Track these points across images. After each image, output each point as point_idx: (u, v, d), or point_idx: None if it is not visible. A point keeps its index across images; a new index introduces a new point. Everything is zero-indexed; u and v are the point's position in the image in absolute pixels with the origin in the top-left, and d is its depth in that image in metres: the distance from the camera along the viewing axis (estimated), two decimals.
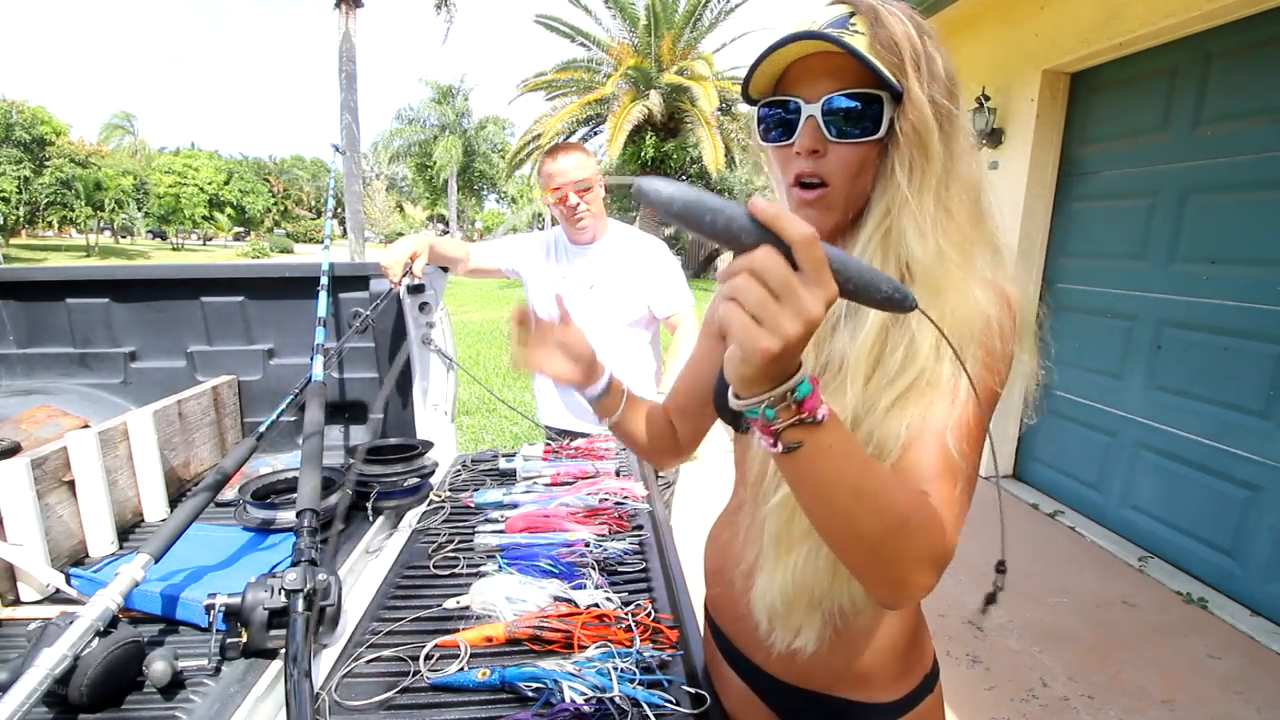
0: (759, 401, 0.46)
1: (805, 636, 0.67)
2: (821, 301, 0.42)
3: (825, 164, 0.64)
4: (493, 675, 0.78)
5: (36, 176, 30.76)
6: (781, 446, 0.47)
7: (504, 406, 5.43)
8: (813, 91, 0.63)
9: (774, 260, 0.41)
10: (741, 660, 0.81)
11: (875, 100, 0.61)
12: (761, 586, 0.68)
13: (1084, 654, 2.29)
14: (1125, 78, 3.17)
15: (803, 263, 0.41)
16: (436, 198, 34.50)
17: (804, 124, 0.63)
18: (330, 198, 1.75)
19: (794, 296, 0.41)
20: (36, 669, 0.67)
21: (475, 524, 1.22)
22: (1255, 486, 2.56)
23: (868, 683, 0.73)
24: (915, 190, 0.61)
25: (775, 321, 0.41)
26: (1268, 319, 2.50)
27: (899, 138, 0.61)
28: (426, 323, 1.65)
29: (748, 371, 0.44)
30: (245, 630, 0.82)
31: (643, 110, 12.42)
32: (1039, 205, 3.59)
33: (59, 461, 1.07)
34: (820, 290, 0.42)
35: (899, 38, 0.60)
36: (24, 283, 1.59)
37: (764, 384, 0.45)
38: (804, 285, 0.41)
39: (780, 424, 0.46)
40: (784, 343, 0.41)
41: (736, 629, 0.82)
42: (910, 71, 0.59)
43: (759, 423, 0.47)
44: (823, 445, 0.47)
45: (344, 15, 9.65)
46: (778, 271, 0.41)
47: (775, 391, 0.45)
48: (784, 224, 0.41)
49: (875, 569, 0.53)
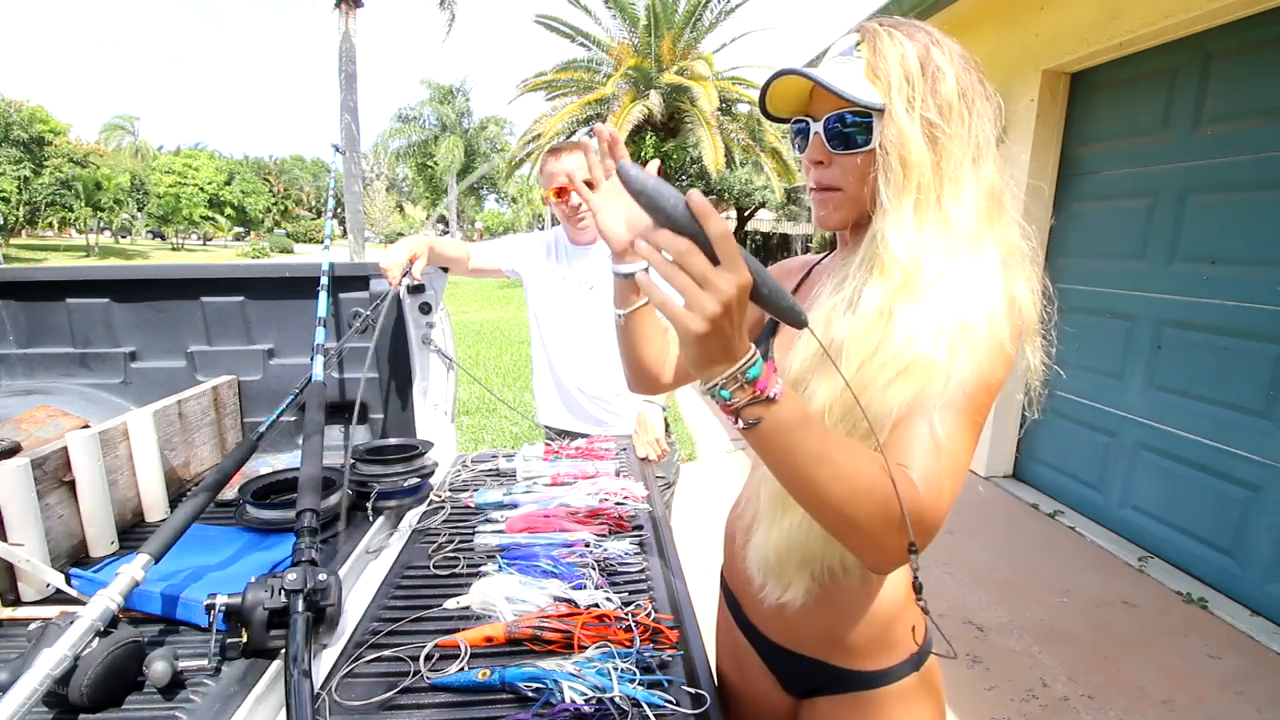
0: (716, 384, 0.53)
1: (793, 591, 0.75)
2: (733, 284, 0.49)
3: (829, 172, 0.74)
4: (493, 675, 0.78)
5: (36, 176, 30.76)
6: (742, 423, 0.55)
7: (504, 406, 5.43)
8: (820, 110, 0.72)
9: (696, 254, 0.49)
10: (745, 622, 0.90)
11: (866, 116, 0.69)
12: (757, 542, 0.77)
13: (1084, 654, 2.29)
14: (1125, 78, 3.17)
15: (720, 254, 0.49)
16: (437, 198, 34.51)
17: (812, 139, 0.74)
18: (330, 198, 1.75)
19: (711, 282, 0.48)
20: (36, 669, 0.66)
21: (475, 524, 1.22)
22: (1255, 486, 2.56)
23: (852, 650, 0.80)
24: (893, 196, 0.68)
25: (699, 304, 0.49)
26: (1268, 319, 2.50)
27: (883, 150, 0.68)
28: (426, 323, 1.65)
29: (691, 353, 0.52)
30: (245, 630, 0.81)
31: (643, 110, 12.41)
32: (1039, 205, 3.59)
33: (59, 461, 1.07)
34: (734, 276, 0.49)
35: (891, 62, 0.68)
36: (24, 283, 1.59)
37: (713, 366, 0.53)
38: (718, 274, 0.49)
39: (738, 402, 0.54)
40: (708, 323, 0.49)
41: (741, 590, 0.90)
42: (894, 93, 0.67)
43: (720, 403, 0.54)
44: (780, 419, 0.55)
45: (344, 15, 9.65)
46: (699, 262, 0.49)
47: (728, 373, 0.52)
48: (707, 221, 0.48)
49: (848, 532, 0.59)
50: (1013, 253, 0.70)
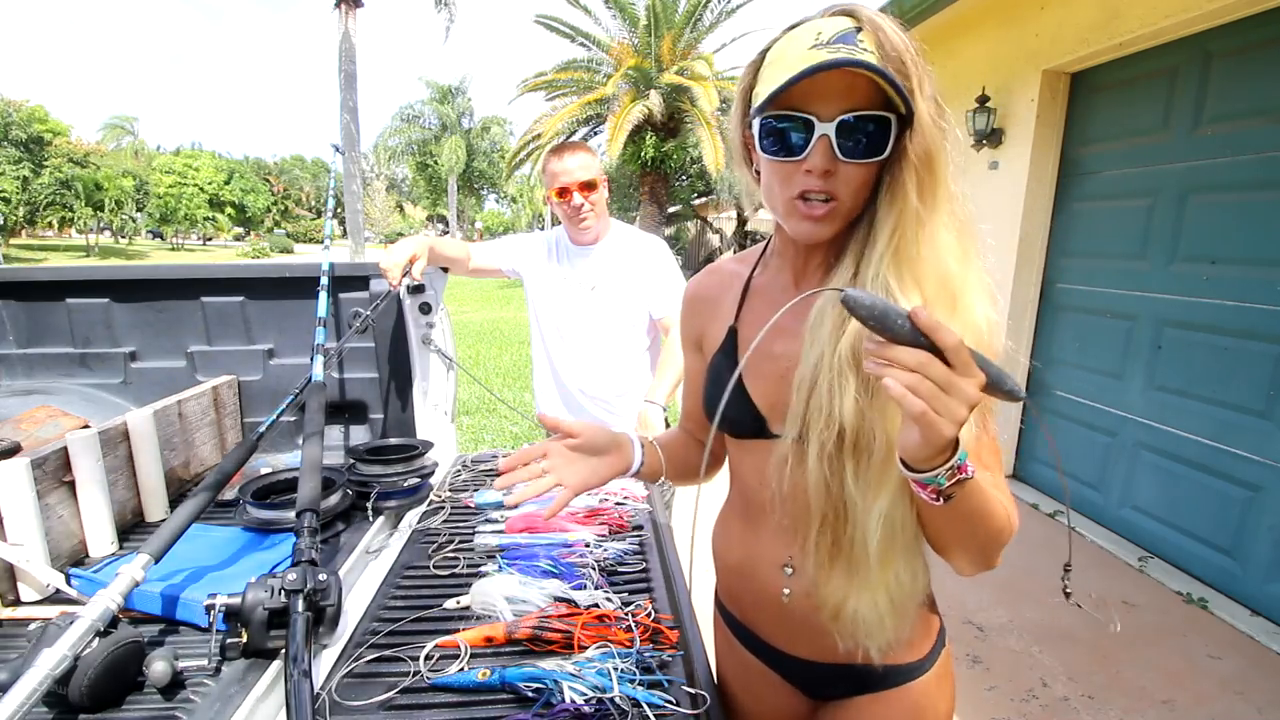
0: (936, 473, 0.56)
1: (897, 639, 0.72)
2: (976, 388, 0.51)
3: (834, 182, 0.64)
4: (493, 675, 0.78)
5: (36, 176, 30.76)
6: (942, 500, 0.58)
7: (504, 406, 5.43)
8: (826, 108, 0.62)
9: (936, 363, 0.51)
10: (763, 646, 0.85)
11: (885, 121, 0.62)
12: (850, 609, 0.70)
13: (1084, 654, 2.29)
14: (1125, 78, 3.17)
15: (956, 363, 0.50)
16: (437, 198, 34.49)
17: (817, 142, 0.63)
18: (330, 198, 1.75)
19: (957, 388, 0.51)
20: (36, 669, 0.66)
21: (475, 524, 1.22)
22: (1255, 486, 2.55)
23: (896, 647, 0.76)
24: (928, 210, 0.63)
25: (949, 409, 0.51)
26: (1268, 319, 2.50)
27: (908, 158, 0.62)
28: (426, 323, 1.65)
29: (928, 451, 0.54)
30: (245, 630, 0.81)
31: (643, 110, 12.40)
32: (1039, 205, 3.59)
33: (59, 461, 1.07)
34: (973, 379, 0.51)
35: (905, 57, 0.60)
36: (24, 283, 1.59)
37: (939, 458, 0.55)
38: (961, 378, 0.51)
39: (947, 485, 0.57)
40: (957, 426, 0.52)
41: (759, 618, 0.85)
42: (917, 93, 0.60)
43: (930, 488, 0.57)
44: (970, 492, 0.59)
45: (344, 15, 9.64)
46: (941, 371, 0.50)
47: (950, 463, 0.55)
48: (941, 334, 0.50)
49: (979, 561, 0.68)
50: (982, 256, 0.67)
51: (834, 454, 0.66)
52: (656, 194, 14.43)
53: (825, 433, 0.65)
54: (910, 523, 0.67)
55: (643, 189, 14.53)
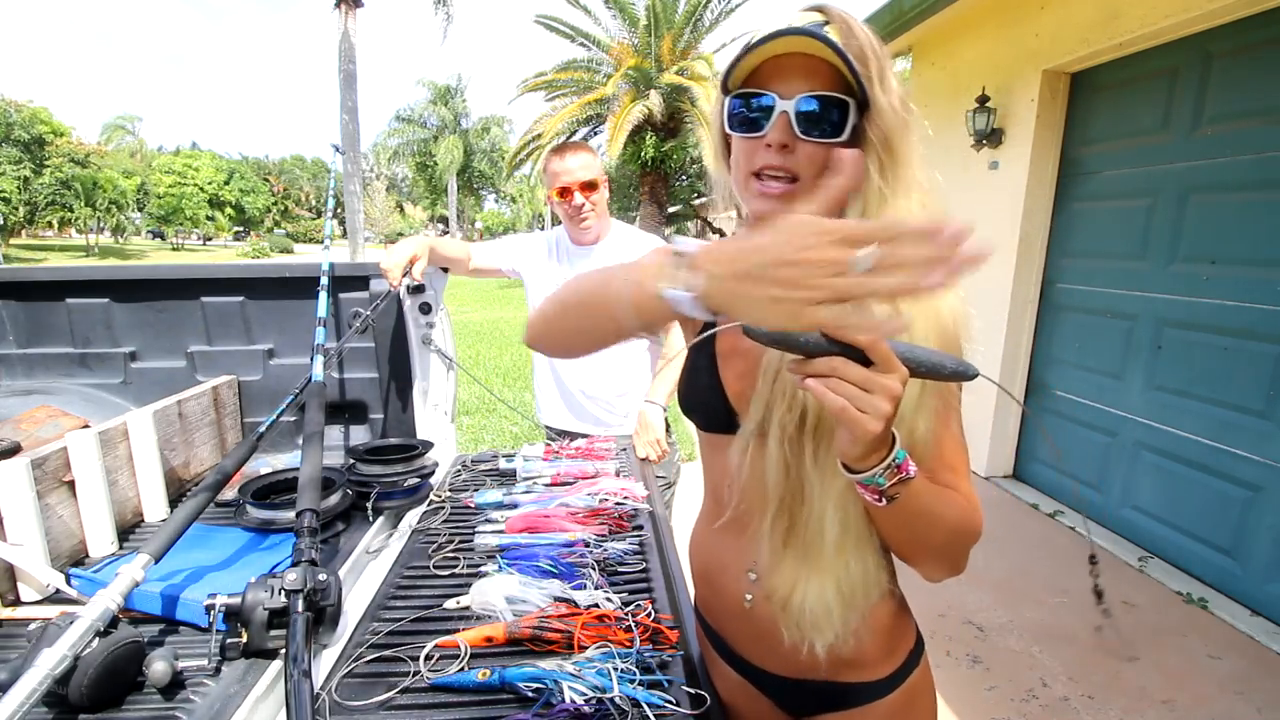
0: (874, 472, 0.57)
1: (843, 635, 0.71)
2: (898, 380, 0.52)
3: (793, 159, 0.67)
4: (493, 675, 0.78)
5: (36, 176, 30.77)
6: (885, 500, 0.59)
7: (504, 406, 5.43)
8: (787, 89, 0.65)
9: (850, 365, 0.52)
10: (737, 658, 0.84)
11: (843, 104, 0.65)
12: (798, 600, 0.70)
13: (1084, 654, 2.29)
14: (1125, 78, 3.17)
15: (874, 358, 0.51)
16: (437, 198, 34.49)
17: (776, 119, 0.66)
18: (330, 198, 1.75)
19: (876, 384, 0.51)
20: (36, 669, 0.66)
21: (475, 524, 1.22)
22: (1255, 486, 2.56)
23: (860, 664, 0.77)
24: (891, 190, 0.65)
25: (871, 405, 0.51)
26: (1268, 319, 2.50)
27: (869, 140, 0.65)
28: (427, 323, 1.65)
29: (859, 450, 0.56)
30: (245, 630, 0.81)
31: (643, 110, 12.41)
32: (1039, 205, 3.60)
33: (59, 461, 1.07)
34: (894, 373, 0.52)
35: (867, 50, 0.64)
36: (24, 283, 1.59)
37: (873, 457, 0.56)
38: (881, 374, 0.51)
39: (888, 484, 0.58)
40: (883, 420, 0.52)
41: (727, 626, 0.85)
42: (875, 81, 0.64)
43: (870, 489, 0.58)
44: (913, 492, 0.60)
45: (344, 15, 9.64)
46: (857, 371, 0.51)
47: (885, 462, 0.56)
48: (852, 335, 0.50)
49: (941, 565, 0.68)
50: None
51: (794, 436, 0.67)
52: (656, 194, 14.43)
53: (787, 416, 0.67)
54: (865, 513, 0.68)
55: (643, 189, 14.53)
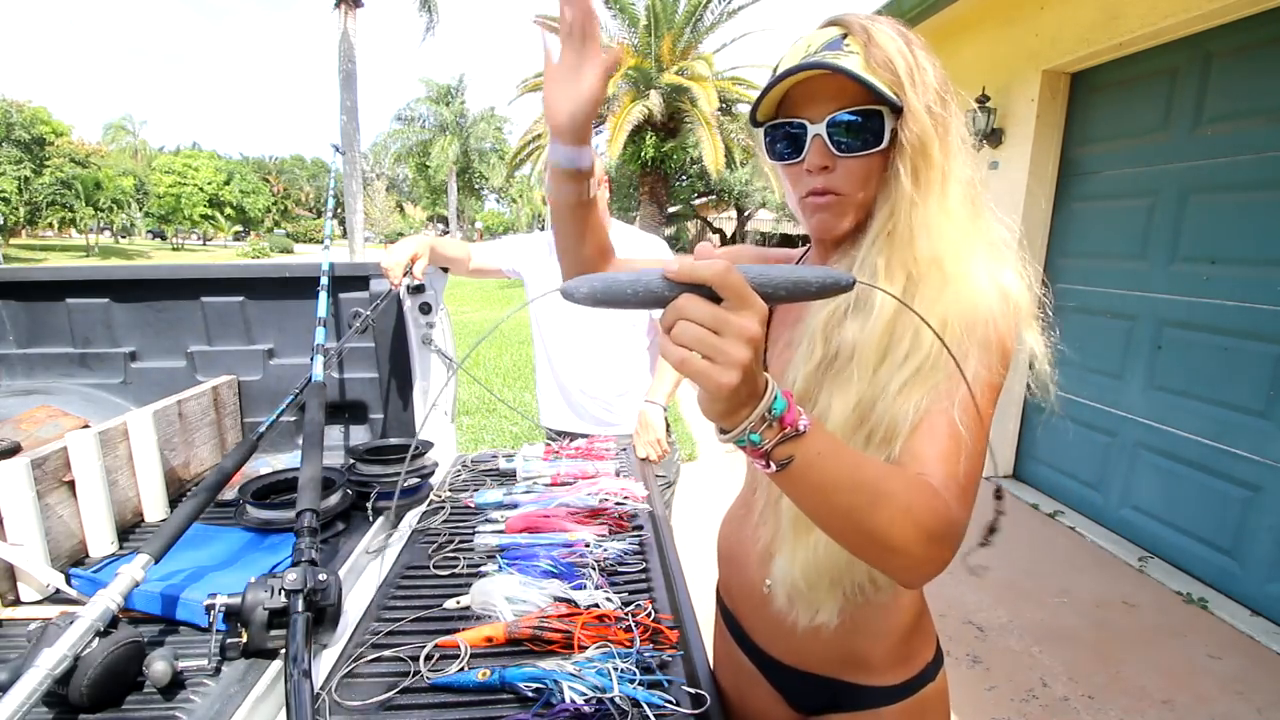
0: (742, 430, 0.47)
1: (825, 614, 0.70)
2: (753, 319, 0.44)
3: (834, 178, 0.68)
4: (493, 675, 0.78)
5: (36, 176, 30.79)
6: (775, 466, 0.49)
7: (504, 406, 5.43)
8: (816, 112, 0.67)
9: (696, 302, 0.44)
10: (751, 645, 0.86)
11: (876, 115, 0.65)
12: (782, 566, 0.71)
13: (1084, 654, 2.29)
14: (1125, 78, 3.17)
15: (724, 293, 0.43)
16: (436, 198, 34.50)
17: (811, 143, 0.67)
18: (330, 198, 1.75)
19: (728, 325, 0.43)
20: (36, 669, 0.66)
21: (475, 524, 1.22)
22: (1255, 486, 2.56)
23: (869, 666, 0.76)
24: (922, 194, 0.65)
25: (724, 353, 0.43)
26: (1268, 319, 2.50)
27: (902, 145, 0.65)
28: (427, 323, 1.65)
29: (720, 406, 0.46)
30: (245, 630, 0.81)
31: (643, 110, 12.41)
32: (1039, 205, 3.59)
33: (59, 461, 1.07)
34: (749, 310, 0.44)
35: (892, 54, 0.64)
36: (24, 283, 1.59)
37: (739, 412, 0.47)
38: (733, 311, 0.43)
39: (768, 444, 0.48)
40: (739, 369, 0.43)
41: (744, 609, 0.87)
42: (906, 85, 0.64)
43: (748, 449, 0.49)
44: (812, 454, 0.49)
45: (344, 15, 9.65)
46: (704, 309, 0.43)
47: (754, 415, 0.47)
48: (698, 270, 0.43)
49: (886, 556, 0.55)
50: (994, 245, 0.69)
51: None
52: (656, 194, 14.44)
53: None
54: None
55: (643, 189, 14.53)
